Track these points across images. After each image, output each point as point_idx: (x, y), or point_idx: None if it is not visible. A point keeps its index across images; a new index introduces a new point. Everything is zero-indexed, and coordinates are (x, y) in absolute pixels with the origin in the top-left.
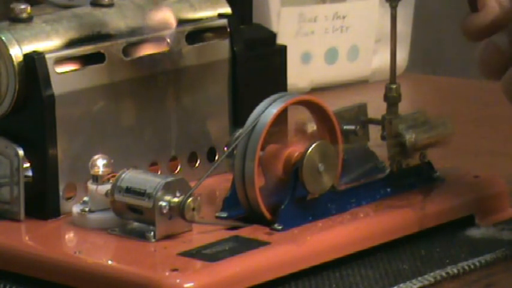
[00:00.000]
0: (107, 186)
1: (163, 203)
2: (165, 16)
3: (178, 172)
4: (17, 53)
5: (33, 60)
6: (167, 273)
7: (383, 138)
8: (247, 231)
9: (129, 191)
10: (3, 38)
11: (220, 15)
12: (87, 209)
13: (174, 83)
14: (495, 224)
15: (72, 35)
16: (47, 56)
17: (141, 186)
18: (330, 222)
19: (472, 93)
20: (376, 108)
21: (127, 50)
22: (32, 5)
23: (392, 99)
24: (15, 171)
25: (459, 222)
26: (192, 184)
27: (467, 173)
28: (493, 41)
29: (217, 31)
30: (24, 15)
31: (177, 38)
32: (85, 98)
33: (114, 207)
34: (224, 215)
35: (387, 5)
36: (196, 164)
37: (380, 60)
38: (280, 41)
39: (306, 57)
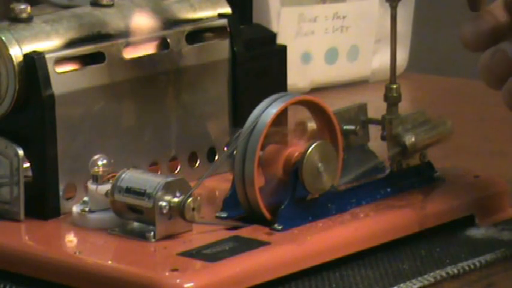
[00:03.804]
0: (107, 186)
1: (163, 203)
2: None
3: (178, 172)
4: (17, 53)
5: (33, 60)
6: (167, 273)
7: (383, 138)
8: (247, 231)
9: (129, 191)
10: (3, 38)
11: (220, 15)
12: (87, 209)
13: (174, 83)
14: (495, 224)
15: (72, 35)
16: (47, 56)
17: (141, 186)
18: (330, 222)
19: (472, 93)
20: (376, 108)
21: (127, 50)
22: (32, 5)
23: (392, 99)
24: (15, 171)
25: (459, 222)
26: (192, 184)
27: (467, 173)
28: (502, 48)
29: (217, 31)
30: (24, 15)
31: (177, 38)
32: (85, 98)
33: (114, 207)
34: (224, 215)
35: (387, 5)
36: (196, 164)
37: (380, 60)
38: (280, 41)
39: (306, 57)
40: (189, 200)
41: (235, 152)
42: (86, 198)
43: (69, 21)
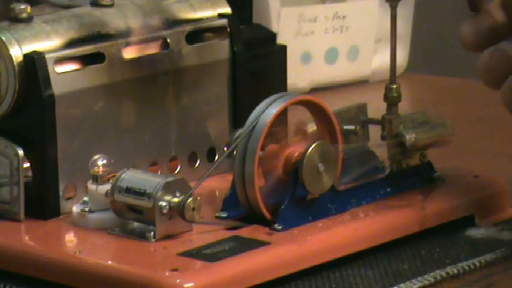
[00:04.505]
0: (107, 186)
1: (163, 203)
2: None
3: (178, 172)
4: (17, 53)
5: (33, 60)
6: (167, 273)
7: (383, 138)
8: (247, 231)
9: (129, 191)
10: (3, 38)
11: (220, 15)
12: (87, 209)
13: (174, 83)
14: (495, 224)
15: (72, 35)
16: (47, 56)
17: (141, 186)
18: (330, 222)
19: (472, 93)
20: (376, 108)
21: (127, 50)
22: (32, 5)
23: (392, 99)
24: (15, 171)
25: (459, 222)
26: (192, 184)
27: (467, 173)
28: (501, 48)
29: (217, 31)
30: (24, 15)
31: (177, 38)
32: (85, 98)
33: (114, 207)
34: (224, 215)
35: (387, 5)
36: (196, 164)
37: (380, 60)
38: (280, 41)
39: (306, 57)
40: (189, 200)
41: (235, 152)
42: (86, 198)
43: (69, 21)
